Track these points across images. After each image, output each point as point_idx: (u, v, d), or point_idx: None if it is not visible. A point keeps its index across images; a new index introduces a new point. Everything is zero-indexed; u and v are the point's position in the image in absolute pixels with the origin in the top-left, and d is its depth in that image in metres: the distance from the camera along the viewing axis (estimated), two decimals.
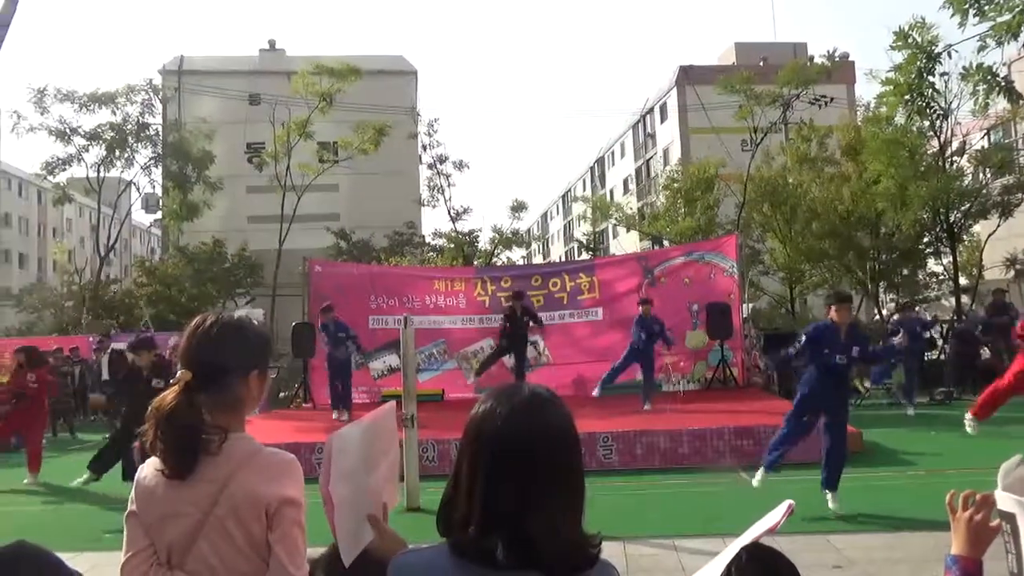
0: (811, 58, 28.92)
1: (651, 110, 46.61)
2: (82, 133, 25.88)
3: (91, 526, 7.13)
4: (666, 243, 25.87)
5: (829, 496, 6.58)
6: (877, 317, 23.31)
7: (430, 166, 28.32)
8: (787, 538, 5.29)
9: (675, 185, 27.28)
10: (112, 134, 25.93)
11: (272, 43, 41.29)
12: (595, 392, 11.80)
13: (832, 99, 26.59)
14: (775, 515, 1.61)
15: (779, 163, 24.66)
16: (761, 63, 35.56)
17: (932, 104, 17.56)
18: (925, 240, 21.63)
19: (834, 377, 6.68)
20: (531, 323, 13.09)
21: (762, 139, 24.56)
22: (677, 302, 14.58)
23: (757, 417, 9.82)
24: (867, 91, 56.15)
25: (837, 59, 24.91)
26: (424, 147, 28.16)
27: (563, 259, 54.74)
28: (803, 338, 6.76)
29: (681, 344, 14.54)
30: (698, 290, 14.72)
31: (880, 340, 19.97)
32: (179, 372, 1.80)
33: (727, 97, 24.71)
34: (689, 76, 38.31)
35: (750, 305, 15.66)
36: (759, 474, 7.01)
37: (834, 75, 24.73)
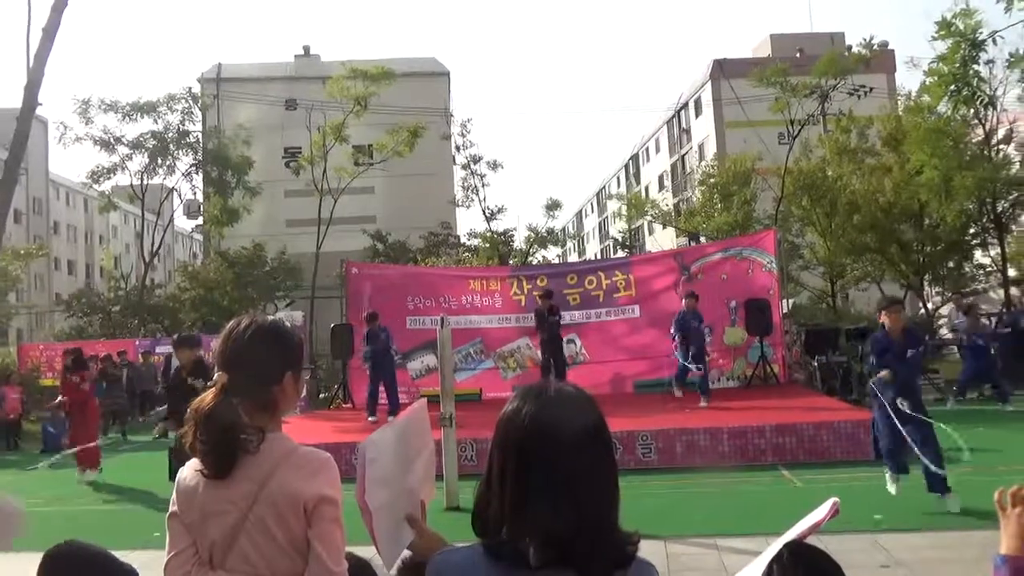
0: (849, 48, 28.41)
1: (685, 105, 46.18)
2: (125, 142, 26.58)
3: (141, 525, 7.29)
4: (703, 239, 25.60)
5: (947, 498, 6.28)
6: (923, 311, 22.79)
7: (464, 166, 28.45)
8: (833, 537, 5.19)
9: (711, 180, 27.01)
10: (154, 142, 26.56)
11: (307, 49, 41.90)
12: (678, 393, 11.72)
13: (871, 89, 26.02)
14: (819, 513, 1.58)
15: (818, 155, 24.24)
16: (797, 54, 35.01)
17: (978, 92, 17.08)
18: (971, 231, 21.09)
19: (900, 379, 6.53)
20: (559, 321, 13.02)
21: (799, 131, 24.15)
22: (715, 298, 14.40)
23: (799, 414, 9.66)
24: (908, 80, 55.01)
25: (876, 48, 24.38)
26: (458, 148, 28.31)
27: (598, 257, 54.52)
28: (872, 358, 6.77)
29: (719, 341, 14.38)
30: (736, 286, 14.53)
31: (928, 336, 19.64)
32: (216, 374, 1.83)
33: (763, 90, 24.37)
34: (724, 69, 37.83)
35: (790, 301, 15.40)
36: (891, 480, 6.62)
37: (873, 64, 24.22)
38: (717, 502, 7.36)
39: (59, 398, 10.90)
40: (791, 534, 1.57)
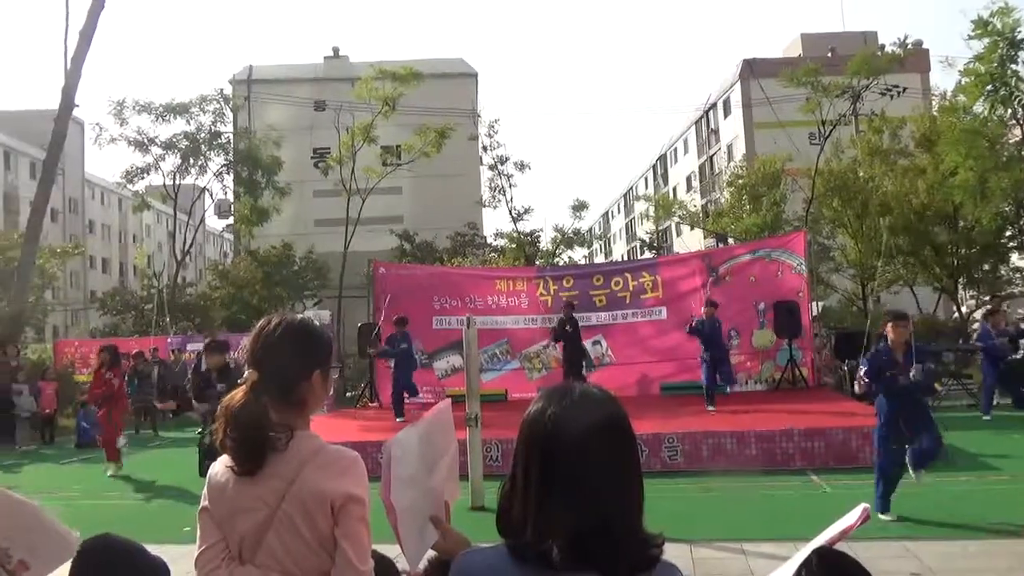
0: (882, 47, 27.98)
1: (714, 105, 45.82)
2: (159, 143, 26.98)
3: (171, 520, 7.42)
4: (731, 241, 25.36)
5: (914, 474, 6.37)
6: (956, 315, 22.36)
7: (491, 167, 28.47)
8: (863, 544, 5.12)
9: (740, 181, 26.74)
10: (186, 143, 26.95)
11: (336, 50, 42.28)
12: (710, 408, 11.39)
13: (905, 89, 25.59)
14: (849, 519, 1.56)
15: (849, 156, 23.89)
16: (829, 54, 34.54)
17: (1016, 92, 16.76)
18: (1007, 234, 20.66)
19: (903, 395, 6.43)
20: (571, 334, 12.87)
21: (830, 132, 23.82)
22: (743, 300, 14.29)
23: (827, 419, 9.53)
24: (942, 80, 54.05)
25: (909, 47, 24.01)
26: (485, 148, 28.33)
27: (625, 258, 54.29)
28: (863, 371, 6.59)
29: (748, 343, 14.24)
30: (765, 288, 14.39)
31: (960, 339, 19.26)
32: (246, 372, 1.86)
33: (793, 90, 24.08)
34: (753, 70, 37.49)
35: (820, 303, 15.20)
36: (881, 516, 6.42)
37: (906, 64, 23.86)
38: (744, 506, 7.29)
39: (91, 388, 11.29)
40: (820, 540, 1.56)
